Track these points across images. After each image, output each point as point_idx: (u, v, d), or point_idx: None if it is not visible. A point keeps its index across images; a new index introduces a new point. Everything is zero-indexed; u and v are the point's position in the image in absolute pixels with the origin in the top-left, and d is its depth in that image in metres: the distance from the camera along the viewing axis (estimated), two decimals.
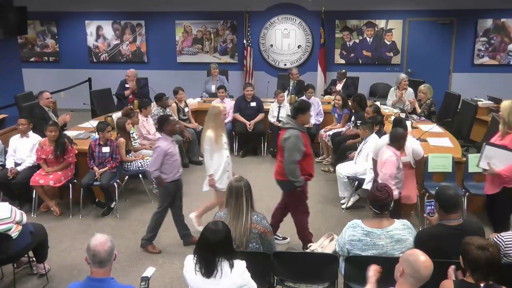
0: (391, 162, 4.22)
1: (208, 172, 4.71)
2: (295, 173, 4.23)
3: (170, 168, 4.53)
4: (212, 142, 4.61)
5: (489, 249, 2.49)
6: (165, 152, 4.45)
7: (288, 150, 4.21)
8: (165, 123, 4.57)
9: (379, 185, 3.26)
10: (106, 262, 2.57)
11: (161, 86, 8.69)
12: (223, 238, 2.72)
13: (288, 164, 4.22)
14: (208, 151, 4.64)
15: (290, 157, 4.20)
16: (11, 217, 3.76)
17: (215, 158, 4.68)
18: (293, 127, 4.28)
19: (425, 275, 2.42)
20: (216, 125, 4.69)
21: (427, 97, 7.09)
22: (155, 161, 4.46)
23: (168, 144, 4.51)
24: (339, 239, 3.35)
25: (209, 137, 4.62)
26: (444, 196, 3.18)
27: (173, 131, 4.65)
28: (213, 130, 4.65)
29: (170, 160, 4.50)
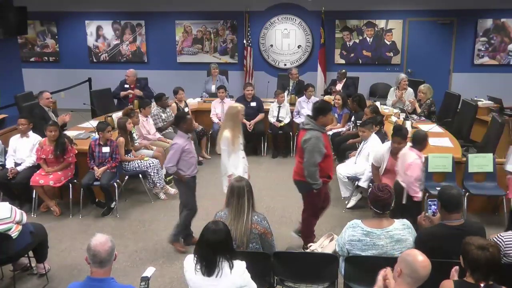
0: (417, 165, 4.21)
1: (228, 173, 4.58)
2: (315, 175, 4.16)
3: (187, 165, 4.53)
4: (229, 143, 4.53)
5: (489, 249, 2.49)
6: (182, 149, 4.45)
7: (308, 152, 4.12)
8: (182, 121, 4.58)
9: (380, 185, 3.24)
10: (106, 262, 2.57)
11: (161, 86, 8.70)
12: (223, 238, 2.72)
13: (308, 166, 4.14)
14: (226, 152, 4.56)
15: (310, 159, 4.12)
16: (11, 217, 3.76)
17: (232, 159, 4.59)
18: (314, 128, 4.18)
19: (423, 275, 2.41)
20: (233, 125, 4.60)
21: (427, 97, 7.09)
22: (172, 158, 4.45)
23: (184, 141, 4.50)
24: (339, 239, 3.35)
25: (226, 137, 4.53)
26: (446, 196, 3.18)
27: (190, 129, 4.67)
28: (231, 130, 4.56)
29: (187, 157, 4.51)
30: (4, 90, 7.95)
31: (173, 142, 4.60)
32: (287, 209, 5.60)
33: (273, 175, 6.77)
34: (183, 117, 4.66)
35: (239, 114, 4.67)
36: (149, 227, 5.24)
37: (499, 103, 7.62)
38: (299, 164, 4.31)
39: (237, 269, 2.71)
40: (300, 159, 4.28)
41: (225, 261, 2.70)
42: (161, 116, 7.05)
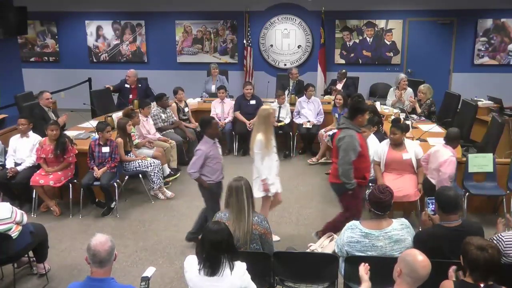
0: (452, 162, 4.28)
1: (261, 177, 4.51)
2: (349, 174, 4.07)
3: (212, 171, 4.44)
4: (262, 146, 4.45)
5: (488, 250, 2.48)
6: (206, 155, 4.36)
7: (342, 151, 4.06)
8: (207, 126, 4.45)
9: (380, 186, 3.23)
10: (106, 262, 2.57)
11: (161, 86, 8.70)
12: (225, 238, 2.72)
13: (342, 165, 4.06)
14: (259, 155, 4.47)
15: (344, 158, 4.05)
16: (11, 217, 3.76)
17: (266, 162, 4.50)
18: (349, 127, 4.13)
19: (423, 274, 2.41)
20: (266, 128, 4.51)
21: (427, 97, 7.09)
22: (196, 164, 4.37)
23: (209, 147, 4.40)
24: (338, 240, 3.34)
25: (260, 140, 4.44)
26: (444, 197, 3.17)
27: (215, 133, 4.52)
28: (264, 133, 4.47)
29: (212, 163, 4.41)
30: (4, 90, 7.95)
31: (197, 147, 4.48)
32: (287, 209, 5.60)
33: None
34: (209, 121, 4.50)
35: (271, 116, 4.58)
36: (149, 227, 5.24)
37: (499, 103, 7.62)
38: (335, 166, 4.23)
39: (237, 270, 2.71)
40: (335, 160, 4.23)
41: (227, 261, 2.70)
42: (161, 117, 7.04)
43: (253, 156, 4.55)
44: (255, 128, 4.62)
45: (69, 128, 6.81)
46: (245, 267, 2.76)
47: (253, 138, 4.55)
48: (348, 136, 4.07)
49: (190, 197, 6.02)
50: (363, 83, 9.36)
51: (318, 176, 6.73)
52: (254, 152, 4.51)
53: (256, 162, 4.51)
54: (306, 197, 5.97)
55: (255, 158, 4.52)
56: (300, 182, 6.48)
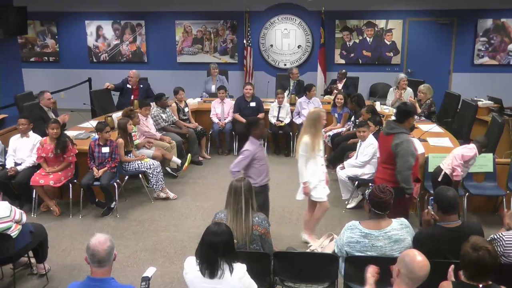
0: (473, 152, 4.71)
1: (303, 180, 4.46)
2: (409, 180, 4.01)
3: (258, 173, 4.31)
4: (308, 149, 4.36)
5: (480, 250, 2.46)
6: (253, 156, 4.25)
7: (402, 157, 3.98)
8: (254, 127, 4.33)
9: (381, 186, 3.22)
10: (105, 261, 2.56)
11: (161, 86, 8.71)
12: (225, 240, 2.70)
13: (403, 171, 3.98)
14: (304, 157, 4.39)
15: (405, 163, 3.97)
16: (10, 216, 3.76)
17: (310, 166, 4.43)
18: (402, 131, 4.07)
19: (420, 275, 2.41)
20: (315, 131, 4.42)
21: (427, 97, 7.09)
22: (240, 164, 4.25)
23: (256, 148, 4.28)
24: (338, 241, 3.34)
25: (306, 143, 4.36)
26: (442, 197, 3.17)
27: (262, 134, 4.42)
28: (311, 136, 4.38)
29: (258, 164, 4.30)
30: (4, 90, 7.95)
31: (244, 148, 4.33)
32: (287, 209, 5.60)
33: (273, 175, 6.68)
34: (255, 122, 4.38)
35: (321, 119, 4.48)
36: (149, 227, 5.24)
37: (499, 103, 7.63)
38: (385, 171, 4.17)
39: (237, 272, 2.70)
40: (386, 165, 4.16)
41: (225, 263, 2.69)
42: (161, 117, 7.05)
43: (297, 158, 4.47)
44: (303, 129, 4.52)
45: (69, 128, 6.81)
46: (245, 269, 2.75)
47: (299, 139, 4.47)
48: (406, 141, 4.02)
49: (190, 197, 6.03)
50: (363, 83, 9.36)
51: None
52: (298, 154, 4.42)
53: (299, 165, 4.43)
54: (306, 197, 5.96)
55: (298, 160, 4.44)
56: None
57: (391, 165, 4.08)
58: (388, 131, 4.14)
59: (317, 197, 4.54)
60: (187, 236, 4.99)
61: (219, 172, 6.91)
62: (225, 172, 6.81)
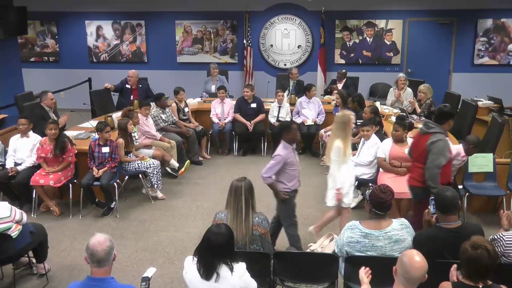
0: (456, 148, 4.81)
1: (336, 185, 4.36)
2: (437, 179, 3.96)
3: (289, 178, 4.21)
4: (341, 153, 4.30)
5: (478, 249, 2.46)
6: (286, 161, 4.14)
7: (433, 154, 3.97)
8: (286, 131, 4.22)
9: (381, 186, 3.21)
10: (105, 261, 2.56)
11: (161, 86, 8.70)
12: (225, 242, 2.70)
13: (431, 168, 3.96)
14: (337, 162, 4.33)
15: (435, 161, 3.95)
16: (10, 216, 3.76)
17: (342, 170, 4.35)
18: (440, 131, 4.06)
19: (415, 275, 2.40)
20: (345, 134, 4.36)
21: (427, 97, 7.10)
22: (272, 169, 4.15)
23: (288, 153, 4.17)
24: (338, 241, 3.34)
25: (339, 147, 4.30)
26: (441, 198, 3.17)
27: (295, 139, 4.30)
28: (342, 139, 4.32)
29: (290, 170, 4.20)
30: (4, 90, 7.95)
31: (275, 153, 4.22)
32: None
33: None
34: (288, 126, 4.26)
35: (351, 123, 4.43)
36: (149, 227, 5.24)
37: (499, 103, 7.62)
38: (416, 169, 4.16)
39: (237, 271, 2.70)
40: (418, 164, 4.14)
41: (224, 265, 2.68)
42: (161, 117, 7.05)
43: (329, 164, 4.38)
44: (333, 134, 4.44)
45: (69, 128, 6.81)
46: (245, 267, 2.75)
47: (330, 144, 4.39)
48: (442, 141, 4.01)
49: (190, 197, 6.03)
50: (363, 83, 9.36)
51: (318, 176, 6.72)
52: (331, 159, 4.34)
53: (332, 170, 4.35)
54: (306, 197, 5.97)
55: (331, 166, 4.35)
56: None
57: (423, 165, 4.06)
58: (426, 130, 4.14)
59: (348, 203, 4.44)
60: (187, 236, 4.99)
61: (219, 172, 6.91)
62: (225, 172, 6.86)
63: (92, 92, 8.39)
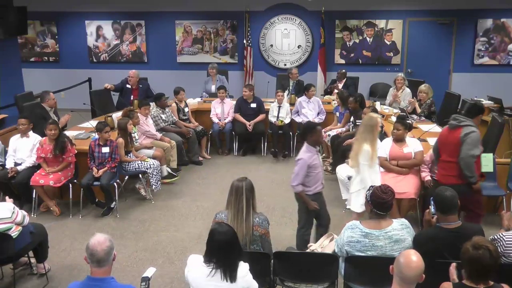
0: None
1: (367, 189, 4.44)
2: (472, 167, 4.01)
3: (312, 181, 4.16)
4: (369, 157, 4.25)
5: (479, 249, 2.45)
6: (309, 165, 4.09)
7: (468, 145, 4.02)
8: (311, 132, 4.16)
9: (382, 187, 3.21)
10: (104, 261, 2.56)
11: (161, 86, 8.70)
12: (233, 238, 2.70)
13: (467, 157, 4.02)
14: (366, 166, 4.27)
15: (469, 151, 4.01)
16: (11, 217, 3.75)
17: (370, 175, 4.30)
18: (472, 124, 4.10)
19: (408, 275, 2.40)
20: (373, 138, 4.31)
21: (428, 97, 7.10)
22: (299, 176, 4.09)
23: (311, 156, 4.11)
24: (338, 240, 3.34)
25: (367, 151, 4.24)
26: (440, 198, 3.17)
27: (319, 141, 4.28)
28: (370, 143, 4.27)
29: (314, 172, 4.14)
30: (4, 90, 7.95)
31: (298, 157, 4.16)
32: (287, 209, 5.59)
33: (273, 175, 6.78)
34: (313, 128, 4.19)
35: (378, 126, 4.40)
36: (149, 227, 5.24)
37: (499, 103, 7.62)
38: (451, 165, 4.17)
39: (241, 271, 2.70)
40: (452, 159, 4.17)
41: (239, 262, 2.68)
42: (161, 117, 7.04)
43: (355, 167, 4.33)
44: (361, 137, 4.36)
45: (69, 128, 6.81)
46: (248, 268, 2.74)
47: (358, 147, 4.31)
48: (476, 133, 4.07)
49: (190, 197, 6.03)
50: (363, 83, 9.36)
51: None
52: (359, 163, 4.28)
53: (362, 174, 4.29)
54: None
55: (361, 170, 4.30)
56: None
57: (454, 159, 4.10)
58: (457, 124, 4.18)
59: None
60: (187, 236, 4.99)
61: (219, 172, 6.91)
62: (225, 172, 6.86)
63: (92, 92, 8.39)
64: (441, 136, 4.50)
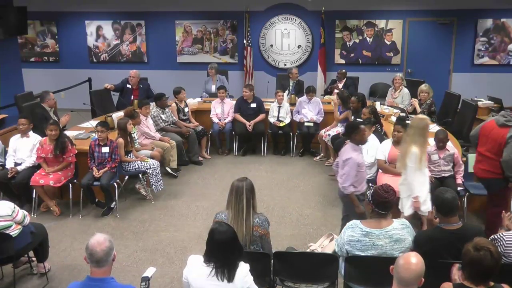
0: None
1: (414, 193, 4.23)
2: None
3: (359, 180, 4.14)
4: (417, 160, 4.17)
5: (481, 251, 2.44)
6: (358, 163, 4.08)
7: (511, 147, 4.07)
8: (355, 131, 4.13)
9: (384, 186, 3.20)
10: (104, 261, 2.55)
11: (161, 86, 8.70)
12: (233, 236, 2.70)
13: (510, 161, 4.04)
14: (413, 169, 4.19)
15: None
16: (11, 215, 3.76)
17: (418, 178, 4.24)
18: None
19: (404, 277, 2.40)
20: (423, 140, 4.25)
21: (429, 97, 7.11)
22: (349, 176, 4.04)
23: (358, 155, 4.12)
24: (338, 240, 3.34)
25: (416, 154, 4.17)
26: (440, 200, 3.15)
27: (363, 140, 4.23)
28: (420, 146, 4.20)
29: (360, 172, 4.13)
30: (4, 90, 7.95)
31: (345, 156, 4.13)
32: (287, 209, 5.60)
33: (273, 175, 6.78)
34: (357, 127, 4.17)
35: (428, 128, 4.34)
36: (149, 227, 5.24)
37: (499, 103, 7.63)
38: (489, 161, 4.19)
39: (240, 272, 2.69)
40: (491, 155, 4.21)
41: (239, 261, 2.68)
42: (161, 117, 7.05)
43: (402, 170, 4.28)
44: (410, 139, 4.27)
45: (69, 128, 6.81)
46: (248, 268, 2.73)
47: (406, 150, 4.25)
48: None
49: (190, 197, 6.03)
50: (363, 83, 9.35)
51: (318, 176, 6.73)
52: (407, 166, 4.21)
53: (409, 177, 4.23)
54: (306, 197, 5.98)
55: (408, 173, 4.23)
56: (300, 182, 6.48)
57: (496, 156, 4.15)
58: (505, 123, 4.21)
59: (425, 210, 4.22)
60: (187, 236, 5.00)
61: (219, 172, 6.92)
62: (225, 172, 6.86)
63: (92, 92, 8.40)
64: (485, 128, 4.45)
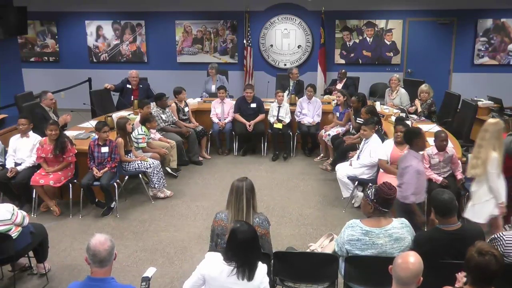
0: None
1: (500, 200, 4.09)
2: None
3: (420, 188, 4.04)
4: (498, 165, 4.05)
5: (485, 255, 2.41)
6: (417, 170, 3.99)
7: None
8: (416, 138, 4.05)
9: (387, 184, 3.20)
10: (106, 261, 2.56)
11: (161, 86, 8.70)
12: (254, 235, 2.71)
13: None
14: (495, 175, 4.05)
15: None
16: (11, 219, 3.76)
17: (501, 183, 4.11)
18: None
19: (400, 276, 2.40)
20: (500, 144, 4.10)
21: (430, 96, 7.11)
22: (411, 183, 3.94)
23: (418, 162, 4.05)
24: (338, 239, 3.34)
25: (496, 158, 4.04)
26: (438, 201, 3.15)
27: (424, 146, 4.15)
28: (498, 150, 4.07)
29: (421, 179, 4.04)
30: (4, 90, 7.95)
31: (405, 164, 4.05)
32: (287, 209, 5.60)
33: (273, 175, 6.78)
34: (418, 133, 4.09)
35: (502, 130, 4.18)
36: (149, 227, 5.24)
37: (499, 103, 7.63)
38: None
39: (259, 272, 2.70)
40: None
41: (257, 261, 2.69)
42: (161, 117, 7.04)
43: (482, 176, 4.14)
44: (486, 143, 4.11)
45: (69, 128, 6.81)
46: (266, 270, 2.73)
47: (485, 155, 4.10)
48: None
49: (190, 197, 6.03)
50: (363, 83, 9.35)
51: (318, 176, 6.73)
52: (489, 172, 4.07)
53: (492, 183, 4.10)
54: (306, 197, 5.98)
55: (490, 178, 4.09)
56: (300, 182, 6.48)
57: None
58: None
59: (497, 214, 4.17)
60: (187, 236, 5.00)
61: (219, 172, 6.92)
62: (225, 172, 6.86)
63: (92, 92, 8.39)
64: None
